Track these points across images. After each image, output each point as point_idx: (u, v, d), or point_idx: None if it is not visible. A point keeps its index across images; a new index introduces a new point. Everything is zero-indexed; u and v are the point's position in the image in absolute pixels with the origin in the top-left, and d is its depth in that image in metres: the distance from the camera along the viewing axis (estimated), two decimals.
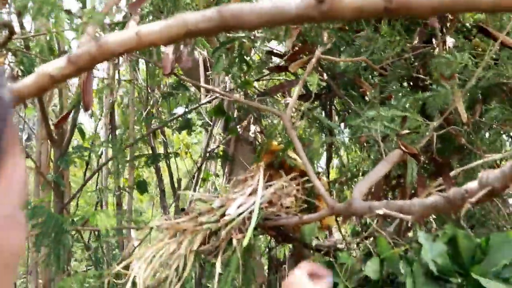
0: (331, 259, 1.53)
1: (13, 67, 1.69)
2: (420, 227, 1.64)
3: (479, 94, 1.67)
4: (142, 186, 3.40)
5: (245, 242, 1.21)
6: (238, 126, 2.65)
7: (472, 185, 0.99)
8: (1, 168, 0.40)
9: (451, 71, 1.60)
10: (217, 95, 2.05)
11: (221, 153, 2.78)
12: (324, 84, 1.89)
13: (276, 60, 2.04)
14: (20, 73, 1.64)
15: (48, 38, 1.39)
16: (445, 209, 1.05)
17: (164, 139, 3.08)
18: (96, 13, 0.85)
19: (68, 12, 1.38)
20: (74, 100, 1.96)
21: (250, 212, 1.29)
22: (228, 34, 1.43)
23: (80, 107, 2.25)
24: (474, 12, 1.43)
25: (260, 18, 0.66)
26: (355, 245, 1.56)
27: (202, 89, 2.89)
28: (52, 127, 2.28)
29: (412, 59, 1.70)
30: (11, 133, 0.40)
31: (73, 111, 2.31)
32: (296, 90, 1.52)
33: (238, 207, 1.28)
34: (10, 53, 1.61)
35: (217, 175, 2.95)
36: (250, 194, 1.34)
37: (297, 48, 1.58)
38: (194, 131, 3.11)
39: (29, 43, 1.65)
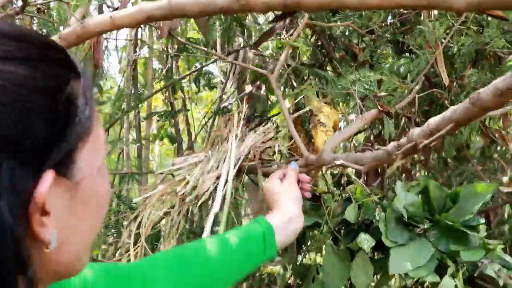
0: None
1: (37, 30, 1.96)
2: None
3: (461, 60, 1.82)
4: (172, 137, 3.70)
5: (224, 216, 1.42)
6: (251, 84, 2.86)
7: (403, 140, 1.19)
8: (93, 129, 0.53)
9: (435, 38, 1.76)
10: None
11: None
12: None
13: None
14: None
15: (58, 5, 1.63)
16: (385, 160, 1.26)
17: (182, 94, 3.34)
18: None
19: None
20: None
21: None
22: None
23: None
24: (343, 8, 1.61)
25: (197, 8, 0.88)
26: (338, 193, 1.77)
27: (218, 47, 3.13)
28: None
29: (398, 24, 1.86)
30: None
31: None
32: (283, 54, 1.72)
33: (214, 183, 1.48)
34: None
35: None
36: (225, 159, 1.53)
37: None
38: (213, 86, 3.35)
39: (45, 9, 1.91)
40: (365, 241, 1.44)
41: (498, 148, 2.57)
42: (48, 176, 0.46)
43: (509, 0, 0.64)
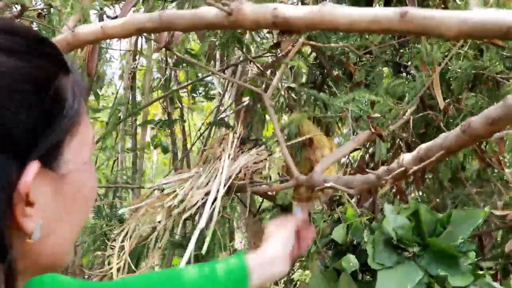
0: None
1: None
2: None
3: (459, 83, 1.81)
4: (165, 147, 3.69)
5: (210, 232, 1.40)
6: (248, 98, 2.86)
7: (394, 165, 1.18)
8: (84, 118, 0.55)
9: (432, 60, 1.75)
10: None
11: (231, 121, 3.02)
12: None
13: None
14: None
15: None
16: (375, 184, 1.24)
17: (180, 104, 3.33)
18: (76, 7, 1.08)
19: None
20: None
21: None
22: None
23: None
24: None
25: (187, 23, 0.87)
26: (328, 213, 1.76)
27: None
28: None
29: (397, 46, 1.86)
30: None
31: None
32: (279, 71, 1.71)
33: (202, 198, 1.47)
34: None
35: None
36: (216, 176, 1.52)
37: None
38: (211, 97, 3.35)
39: (46, 14, 1.90)
40: (349, 263, 1.42)
41: (496, 171, 2.56)
42: (33, 167, 0.46)
43: (496, 31, 0.63)
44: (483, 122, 0.93)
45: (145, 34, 2.60)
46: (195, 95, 3.27)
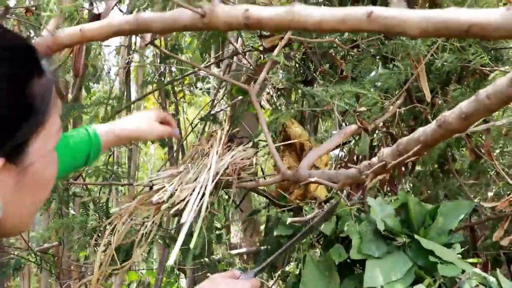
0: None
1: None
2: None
3: (445, 75, 1.82)
4: (163, 141, 3.71)
5: (197, 229, 1.42)
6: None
7: (375, 159, 1.19)
8: (51, 115, 0.62)
9: (417, 52, 1.76)
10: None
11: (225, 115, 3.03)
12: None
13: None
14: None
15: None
16: (357, 178, 1.26)
17: (175, 98, 3.34)
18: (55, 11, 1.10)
19: None
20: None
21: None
22: None
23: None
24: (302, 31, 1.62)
25: (162, 25, 0.88)
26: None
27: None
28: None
29: (383, 39, 1.86)
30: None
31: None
32: (266, 67, 1.72)
33: (190, 194, 1.48)
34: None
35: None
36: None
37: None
38: (202, 89, 3.36)
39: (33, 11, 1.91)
40: (338, 254, 1.44)
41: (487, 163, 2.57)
42: None
43: (458, 29, 0.64)
44: (457, 117, 0.95)
45: None
46: (191, 89, 3.28)
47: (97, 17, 1.36)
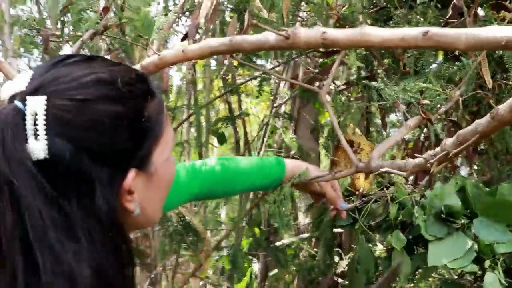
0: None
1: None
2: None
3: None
4: (221, 138, 3.99)
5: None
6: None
7: (438, 149, 1.37)
8: (165, 126, 0.78)
9: None
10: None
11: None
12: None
13: None
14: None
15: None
16: (424, 167, 1.44)
17: (239, 99, 3.62)
18: (159, 33, 1.35)
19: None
20: None
21: None
22: None
23: None
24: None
25: (252, 46, 1.12)
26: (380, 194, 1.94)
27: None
28: None
29: None
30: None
31: None
32: (334, 67, 1.92)
33: None
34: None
35: (286, 128, 3.41)
36: None
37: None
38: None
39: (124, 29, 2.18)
40: (397, 239, 1.62)
41: None
42: (131, 173, 0.73)
43: (496, 43, 0.84)
44: (508, 110, 1.12)
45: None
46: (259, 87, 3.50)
47: (185, 36, 1.61)
